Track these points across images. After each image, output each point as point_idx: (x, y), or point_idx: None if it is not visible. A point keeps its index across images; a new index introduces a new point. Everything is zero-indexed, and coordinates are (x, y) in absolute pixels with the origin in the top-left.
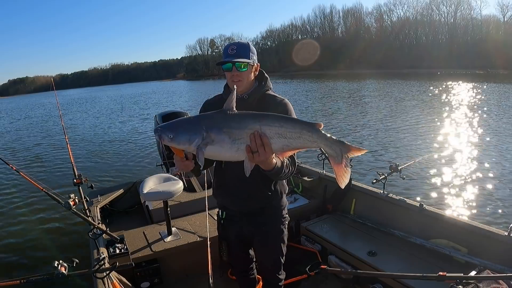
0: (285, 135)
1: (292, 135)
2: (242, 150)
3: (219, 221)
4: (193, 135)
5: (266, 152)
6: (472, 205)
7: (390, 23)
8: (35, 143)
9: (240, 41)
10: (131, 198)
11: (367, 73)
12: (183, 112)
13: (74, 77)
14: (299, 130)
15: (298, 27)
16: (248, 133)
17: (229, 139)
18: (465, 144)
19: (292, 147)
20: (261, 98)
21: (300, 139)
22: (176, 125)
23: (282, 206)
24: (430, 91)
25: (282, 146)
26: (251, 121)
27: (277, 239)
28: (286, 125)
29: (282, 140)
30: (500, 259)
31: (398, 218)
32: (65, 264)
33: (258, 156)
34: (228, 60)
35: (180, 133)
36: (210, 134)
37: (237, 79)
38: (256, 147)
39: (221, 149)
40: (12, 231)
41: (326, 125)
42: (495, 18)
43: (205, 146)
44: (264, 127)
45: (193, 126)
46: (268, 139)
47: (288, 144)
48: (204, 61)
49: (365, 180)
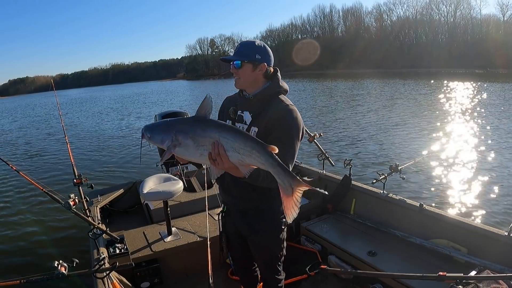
0: (238, 150)
1: (244, 152)
2: (205, 156)
3: (221, 214)
4: (164, 136)
5: (223, 162)
6: (472, 205)
7: (390, 23)
8: (35, 143)
9: (249, 40)
10: (131, 198)
11: (367, 72)
12: (182, 112)
13: (74, 77)
14: (249, 149)
15: (298, 26)
16: (210, 141)
17: (193, 144)
18: (465, 144)
19: (246, 163)
20: (267, 100)
21: (251, 158)
22: (155, 126)
23: (276, 208)
24: (430, 91)
25: (237, 160)
26: (213, 130)
27: (271, 242)
28: (239, 141)
29: (236, 155)
30: (500, 259)
31: (398, 218)
32: (65, 264)
33: (217, 164)
34: (223, 58)
35: (155, 134)
36: (178, 137)
37: (236, 76)
38: (215, 156)
39: (187, 152)
40: (12, 231)
41: (326, 125)
42: (495, 18)
43: (173, 148)
44: (222, 139)
45: (166, 129)
46: (224, 151)
47: (242, 160)
48: (204, 61)
49: (365, 180)
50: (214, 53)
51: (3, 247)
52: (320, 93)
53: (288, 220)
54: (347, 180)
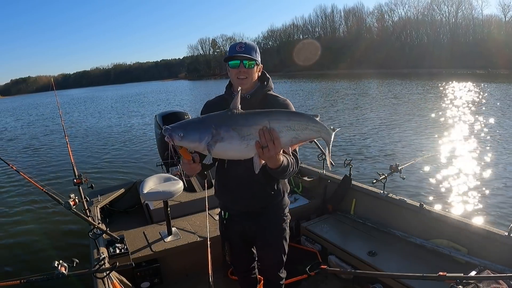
0: (293, 128)
1: (300, 127)
2: (251, 147)
3: (222, 221)
4: (203, 132)
5: (275, 146)
6: (472, 205)
7: (391, 23)
8: (36, 143)
9: (245, 41)
10: (131, 198)
11: (368, 73)
12: (183, 112)
13: (76, 77)
14: (305, 122)
15: (299, 27)
16: (257, 129)
17: (238, 136)
18: (465, 144)
19: (300, 139)
20: (263, 98)
21: (307, 130)
22: (186, 124)
23: (284, 205)
24: (431, 91)
25: (291, 139)
26: (259, 117)
27: (279, 238)
28: (294, 118)
29: (291, 133)
30: (500, 259)
31: (398, 218)
32: (65, 264)
33: (268, 151)
34: (238, 56)
35: (190, 131)
36: (220, 131)
37: (243, 75)
38: (266, 142)
39: (231, 146)
40: (12, 231)
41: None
42: (497, 18)
43: (214, 144)
44: (273, 122)
45: (202, 125)
46: (277, 133)
47: (296, 136)
48: (206, 61)
49: (365, 180)
50: (215, 53)
51: (3, 247)
52: (320, 93)
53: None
54: (347, 180)
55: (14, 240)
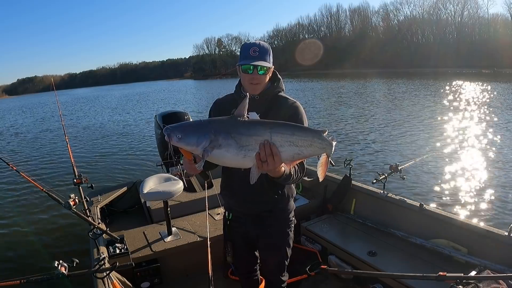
0: (296, 143)
1: (304, 143)
2: (249, 157)
3: (225, 222)
4: (201, 137)
5: (275, 162)
6: (472, 205)
7: (396, 22)
8: (36, 143)
9: (259, 42)
10: (131, 198)
11: (373, 72)
12: (183, 112)
13: (82, 76)
14: (310, 138)
15: (304, 26)
16: (257, 140)
17: (236, 144)
18: (466, 143)
19: (302, 156)
20: (272, 99)
21: (311, 147)
22: (186, 126)
23: (289, 210)
24: (435, 91)
25: (292, 155)
26: (261, 128)
27: (283, 242)
28: (298, 133)
29: (293, 149)
30: (500, 259)
31: (398, 218)
32: (65, 264)
33: (266, 166)
34: (253, 64)
35: (189, 134)
36: (218, 137)
37: (256, 81)
38: (266, 157)
39: (227, 154)
40: (12, 231)
41: (326, 124)
42: (503, 17)
43: (211, 150)
44: (275, 134)
45: (202, 129)
46: (277, 149)
47: (299, 153)
48: (212, 60)
49: (365, 180)
50: (221, 52)
51: (3, 247)
52: (324, 92)
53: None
54: (347, 180)
55: (14, 240)
